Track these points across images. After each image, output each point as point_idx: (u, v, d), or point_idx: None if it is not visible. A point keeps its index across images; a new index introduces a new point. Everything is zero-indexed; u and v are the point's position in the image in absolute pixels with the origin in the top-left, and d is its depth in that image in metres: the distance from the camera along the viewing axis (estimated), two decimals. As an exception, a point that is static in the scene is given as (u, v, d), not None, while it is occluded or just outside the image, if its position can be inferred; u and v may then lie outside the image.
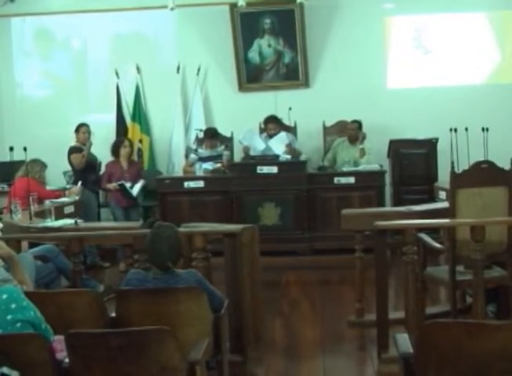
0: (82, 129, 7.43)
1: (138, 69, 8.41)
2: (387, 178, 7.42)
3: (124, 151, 7.36)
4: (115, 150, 7.40)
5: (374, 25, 8.14)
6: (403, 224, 4.23)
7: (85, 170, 7.35)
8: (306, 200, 7.09)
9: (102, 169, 7.88)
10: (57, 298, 3.28)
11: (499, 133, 7.11)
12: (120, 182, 7.19)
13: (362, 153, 7.36)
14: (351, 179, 7.09)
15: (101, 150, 7.70)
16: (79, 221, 5.50)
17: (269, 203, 7.11)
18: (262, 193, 7.11)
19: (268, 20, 8.07)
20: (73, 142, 7.46)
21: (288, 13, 7.95)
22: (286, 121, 7.81)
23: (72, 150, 7.40)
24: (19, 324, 2.81)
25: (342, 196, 7.01)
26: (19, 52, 8.68)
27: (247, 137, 7.56)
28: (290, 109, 7.75)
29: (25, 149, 5.80)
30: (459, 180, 4.43)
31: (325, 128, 8.05)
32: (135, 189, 7.25)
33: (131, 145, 7.55)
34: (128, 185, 7.20)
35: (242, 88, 8.31)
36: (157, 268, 3.36)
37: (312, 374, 4.29)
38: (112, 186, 7.25)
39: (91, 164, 7.46)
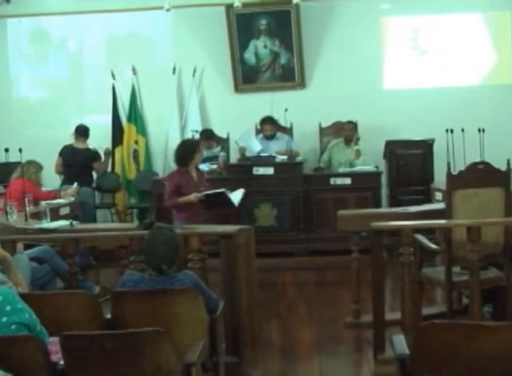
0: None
1: (134, 70, 8.40)
2: (384, 179, 7.42)
3: (198, 158, 5.95)
4: (189, 156, 5.83)
5: (370, 26, 8.14)
6: (399, 225, 4.22)
7: (86, 166, 7.36)
8: (302, 201, 7.09)
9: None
10: (52, 299, 3.27)
11: (495, 134, 7.12)
12: (221, 190, 5.78)
13: (358, 154, 7.36)
14: (348, 180, 7.09)
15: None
16: (74, 222, 5.48)
17: (265, 204, 7.10)
18: (258, 194, 7.09)
19: (264, 21, 8.07)
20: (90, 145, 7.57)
21: (284, 14, 7.95)
22: (282, 122, 7.80)
23: (97, 157, 7.50)
24: (14, 326, 2.80)
25: (338, 197, 7.00)
26: (15, 53, 8.66)
27: (244, 138, 7.55)
28: (286, 110, 7.74)
29: (20, 150, 5.78)
30: (456, 181, 4.44)
31: (321, 129, 8.05)
32: (236, 198, 5.95)
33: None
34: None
35: (238, 89, 8.31)
36: (153, 270, 3.35)
37: (309, 375, 4.28)
38: (193, 196, 5.71)
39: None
